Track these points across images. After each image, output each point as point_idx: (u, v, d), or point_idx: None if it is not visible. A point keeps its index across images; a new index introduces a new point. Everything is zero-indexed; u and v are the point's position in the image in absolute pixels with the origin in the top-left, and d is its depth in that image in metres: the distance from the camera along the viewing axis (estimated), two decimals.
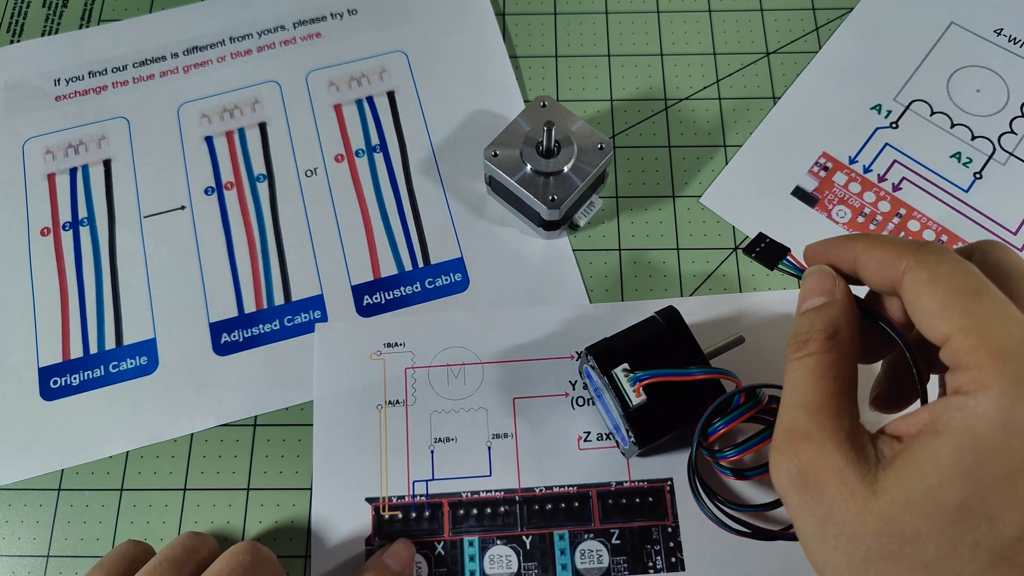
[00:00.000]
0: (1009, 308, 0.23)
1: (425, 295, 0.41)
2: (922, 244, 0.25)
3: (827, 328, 0.27)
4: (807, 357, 0.26)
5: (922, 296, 0.24)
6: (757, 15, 0.48)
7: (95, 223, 0.43)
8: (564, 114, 0.41)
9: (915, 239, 0.27)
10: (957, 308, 0.23)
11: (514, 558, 0.36)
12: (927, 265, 0.24)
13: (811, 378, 0.26)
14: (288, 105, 0.46)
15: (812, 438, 0.25)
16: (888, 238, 0.27)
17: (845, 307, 0.27)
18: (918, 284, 0.24)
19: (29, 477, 0.38)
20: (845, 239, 0.28)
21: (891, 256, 0.26)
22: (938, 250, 0.25)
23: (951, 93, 0.45)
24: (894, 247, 0.26)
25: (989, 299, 0.23)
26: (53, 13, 0.49)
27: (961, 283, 0.23)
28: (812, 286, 0.28)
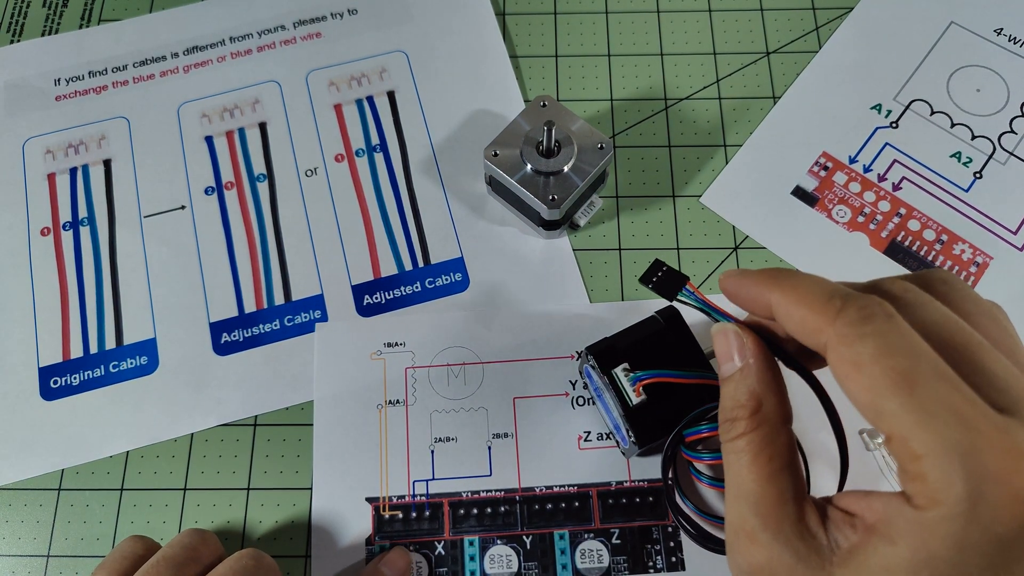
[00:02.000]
0: (950, 396, 0.21)
1: (425, 295, 0.41)
2: (843, 305, 0.22)
3: (749, 402, 0.25)
4: (737, 440, 0.25)
5: (848, 382, 0.22)
6: (757, 15, 0.48)
7: (95, 223, 0.43)
8: (564, 114, 0.41)
9: (839, 287, 0.23)
10: (890, 404, 0.21)
11: (514, 558, 0.36)
12: (848, 342, 0.22)
13: (745, 465, 0.24)
14: (288, 105, 0.46)
15: (758, 539, 0.23)
16: (807, 287, 0.24)
17: (762, 373, 0.25)
18: (843, 366, 0.22)
19: (29, 477, 0.38)
20: (760, 280, 0.25)
21: (810, 322, 0.23)
22: (861, 316, 0.22)
23: (951, 93, 0.45)
24: (812, 310, 0.23)
25: (924, 388, 0.21)
26: (53, 13, 0.49)
27: (889, 368, 0.21)
28: (722, 350, 0.26)
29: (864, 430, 0.37)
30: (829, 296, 0.23)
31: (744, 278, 0.26)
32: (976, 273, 0.41)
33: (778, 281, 0.25)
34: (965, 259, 0.41)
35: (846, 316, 0.22)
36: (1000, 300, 0.41)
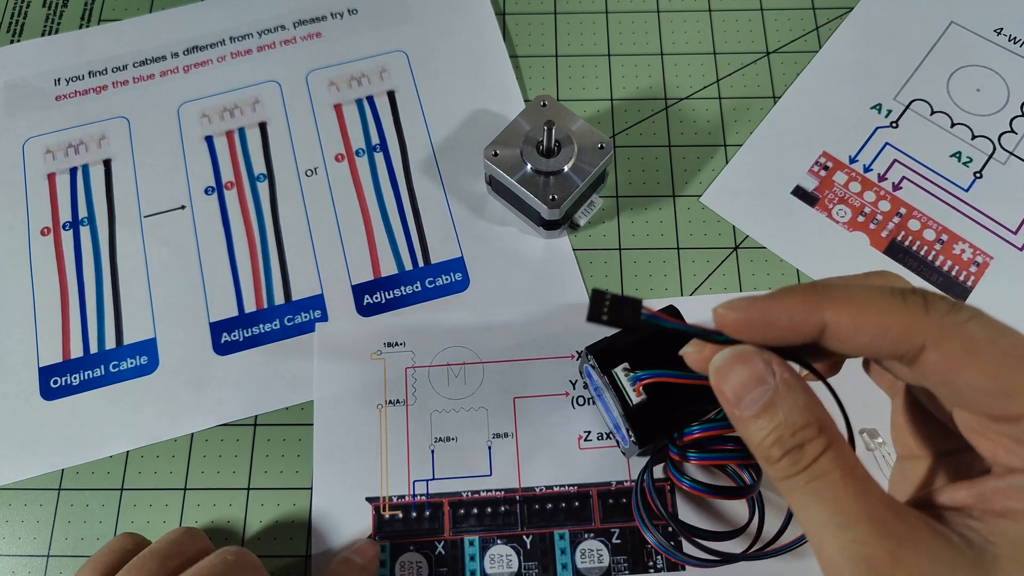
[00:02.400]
0: None
1: (425, 295, 0.41)
2: (925, 300, 0.21)
3: (813, 420, 0.22)
4: (819, 463, 0.21)
5: (965, 372, 0.20)
6: (757, 15, 0.48)
7: (95, 223, 0.43)
8: (564, 114, 0.41)
9: (896, 287, 0.22)
10: (1018, 383, 0.20)
11: (514, 558, 0.36)
12: (954, 332, 0.20)
13: (844, 486, 0.21)
14: (288, 105, 0.46)
15: (901, 560, 0.20)
16: (869, 295, 0.21)
17: (799, 385, 0.22)
18: (955, 358, 0.20)
19: (29, 477, 0.38)
20: (803, 300, 0.22)
21: (896, 328, 0.21)
22: (952, 306, 0.21)
23: (951, 92, 0.45)
24: (894, 314, 0.21)
25: None
26: (53, 13, 0.49)
27: (1008, 347, 0.20)
28: (739, 380, 0.22)
29: (864, 430, 0.37)
30: (903, 296, 0.21)
31: (771, 305, 0.22)
32: (976, 273, 0.41)
33: (828, 296, 0.22)
34: (965, 259, 0.41)
35: (937, 309, 0.21)
36: (1000, 300, 0.41)
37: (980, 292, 0.40)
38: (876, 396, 0.39)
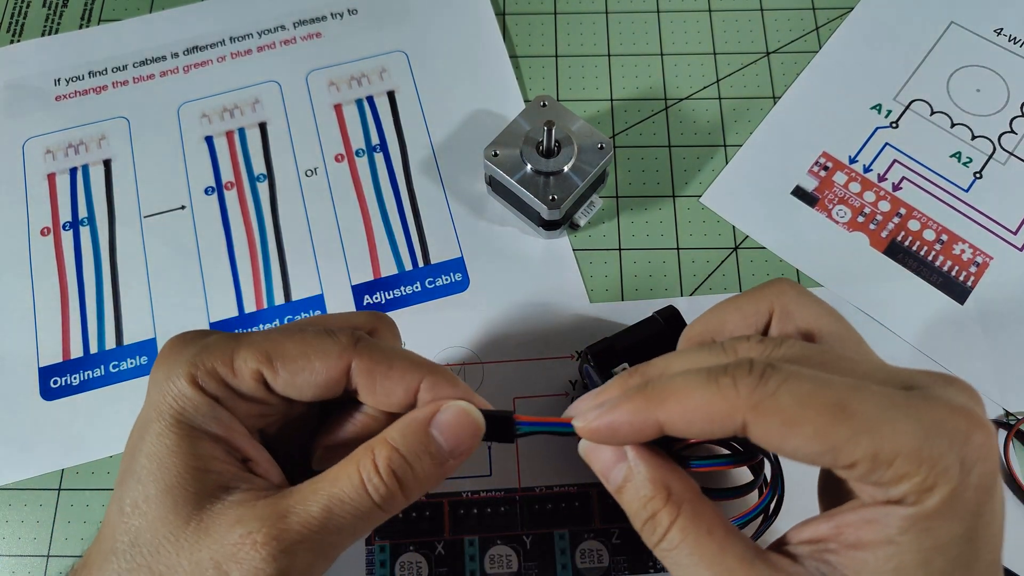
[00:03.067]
0: (875, 396, 0.21)
1: (425, 295, 0.41)
2: (733, 379, 0.22)
3: (658, 491, 0.24)
4: (669, 535, 0.23)
5: (789, 441, 0.21)
6: (757, 15, 0.48)
7: (95, 223, 0.43)
8: (564, 114, 0.41)
9: (711, 368, 0.23)
10: (840, 438, 0.21)
11: (514, 558, 0.36)
12: (768, 408, 0.21)
13: (692, 552, 0.23)
14: (288, 105, 0.46)
15: None
16: (685, 388, 0.23)
17: (651, 458, 0.24)
18: (775, 432, 0.21)
19: (29, 477, 0.38)
20: (634, 409, 0.23)
21: (716, 416, 0.22)
22: (757, 379, 0.22)
23: (951, 93, 0.45)
24: (710, 402, 0.22)
25: (857, 404, 0.21)
26: (53, 13, 0.49)
27: (820, 407, 0.21)
28: (601, 463, 0.25)
29: None
30: (715, 380, 0.22)
31: (613, 415, 0.24)
32: (976, 273, 0.41)
33: (655, 400, 0.23)
34: (965, 259, 0.41)
35: (745, 386, 0.22)
36: (1000, 300, 0.41)
37: (980, 292, 0.40)
38: None
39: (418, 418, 0.26)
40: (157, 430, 0.25)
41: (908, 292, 0.41)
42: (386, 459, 0.25)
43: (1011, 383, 0.39)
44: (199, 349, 0.26)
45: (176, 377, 0.25)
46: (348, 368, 0.26)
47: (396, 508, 0.26)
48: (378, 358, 0.26)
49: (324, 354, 0.26)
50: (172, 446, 0.25)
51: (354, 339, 0.26)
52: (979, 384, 0.38)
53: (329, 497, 0.24)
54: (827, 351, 0.24)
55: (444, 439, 0.26)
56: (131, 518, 0.24)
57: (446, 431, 0.26)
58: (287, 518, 0.24)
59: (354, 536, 0.25)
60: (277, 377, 0.26)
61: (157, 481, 0.24)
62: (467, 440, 0.26)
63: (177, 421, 0.25)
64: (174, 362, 0.26)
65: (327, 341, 0.26)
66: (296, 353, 0.26)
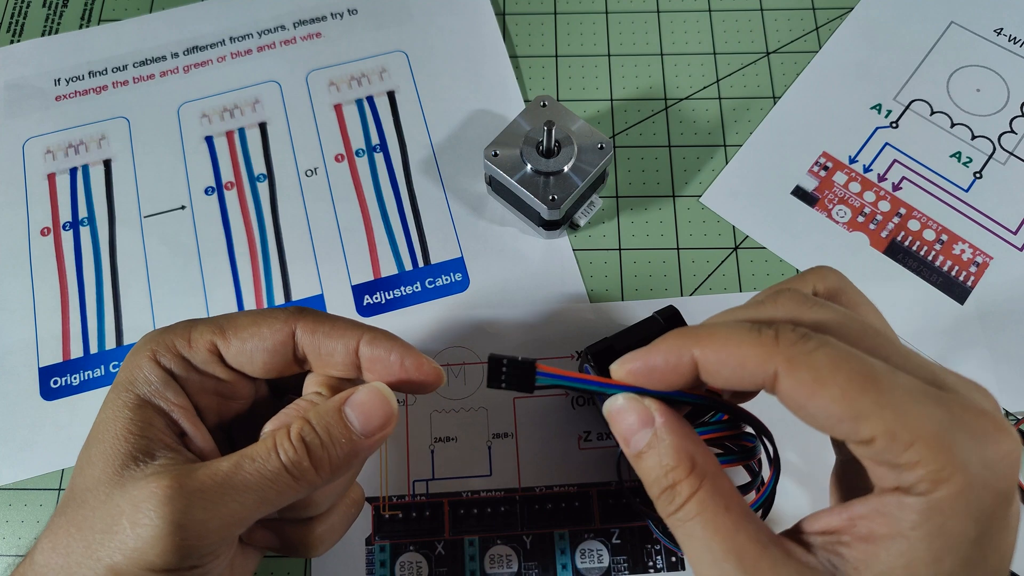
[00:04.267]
0: (906, 380, 0.21)
1: (425, 295, 0.41)
2: (775, 333, 0.22)
3: (681, 461, 0.24)
4: (687, 506, 0.23)
5: (814, 400, 0.21)
6: (757, 15, 0.48)
7: (95, 223, 0.43)
8: (564, 114, 0.41)
9: (755, 321, 0.23)
10: (865, 406, 0.21)
11: (514, 558, 0.36)
12: (802, 363, 0.22)
13: (708, 526, 0.23)
14: (288, 105, 0.46)
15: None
16: (728, 330, 0.23)
17: (680, 428, 0.24)
18: (804, 387, 0.22)
19: (29, 477, 0.38)
20: (672, 344, 0.24)
21: (751, 361, 0.22)
22: (799, 336, 0.22)
23: (951, 93, 0.45)
24: (748, 347, 0.22)
25: (888, 381, 0.21)
26: (53, 13, 0.49)
27: (852, 372, 0.21)
28: (624, 425, 0.25)
29: None
30: (756, 329, 0.23)
31: (650, 353, 0.24)
32: (976, 273, 0.41)
33: (695, 336, 0.23)
34: (965, 259, 0.41)
35: (786, 340, 0.22)
36: (1000, 300, 0.41)
37: (980, 292, 0.40)
38: None
39: (335, 399, 0.28)
40: (110, 398, 0.28)
41: (908, 292, 0.41)
42: (298, 429, 0.27)
43: (1011, 383, 0.39)
44: (164, 329, 0.29)
45: (138, 353, 0.28)
46: (293, 333, 0.29)
47: (307, 480, 0.26)
48: (320, 319, 0.29)
49: (271, 319, 0.29)
50: (116, 411, 0.27)
51: (296, 310, 0.29)
52: None
53: (240, 455, 0.26)
54: (869, 326, 0.24)
55: (356, 416, 0.27)
56: (75, 477, 0.27)
57: (357, 409, 0.27)
58: (194, 472, 0.25)
59: (263, 501, 0.26)
60: (229, 345, 0.28)
61: (99, 443, 0.27)
62: (378, 419, 0.27)
63: (126, 390, 0.28)
64: (142, 343, 0.29)
65: (275, 311, 0.29)
66: (246, 322, 0.29)
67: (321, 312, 0.30)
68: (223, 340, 0.28)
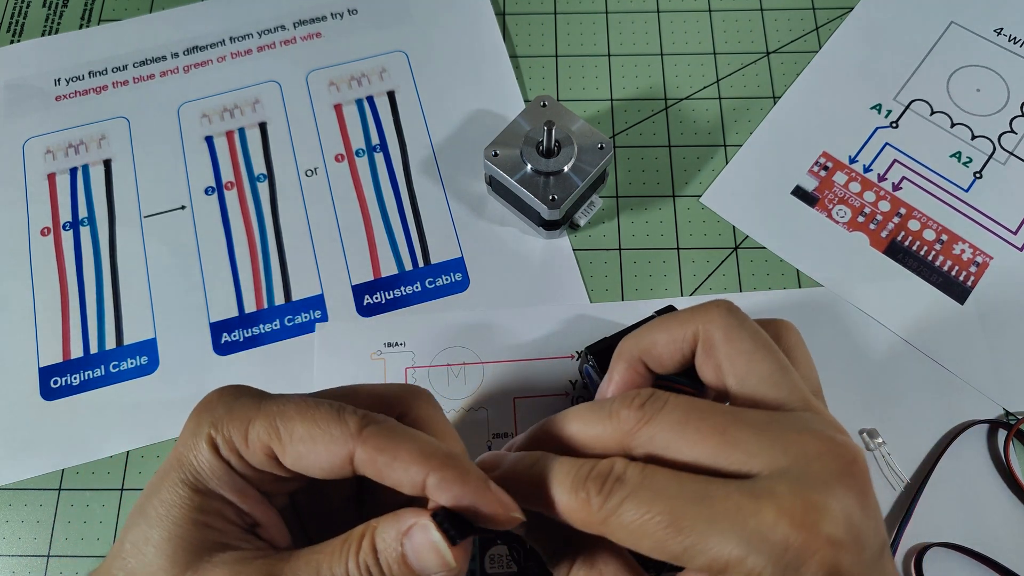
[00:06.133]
0: (710, 507, 0.23)
1: (425, 295, 0.41)
2: (587, 493, 0.24)
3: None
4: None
5: (640, 548, 0.23)
6: (757, 15, 0.48)
7: (95, 223, 0.43)
8: (564, 114, 0.41)
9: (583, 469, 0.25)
10: (676, 547, 0.23)
11: (514, 558, 0.36)
12: (614, 523, 0.23)
13: None
14: (288, 105, 0.46)
15: None
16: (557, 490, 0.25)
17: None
18: (626, 541, 0.24)
19: (29, 477, 0.38)
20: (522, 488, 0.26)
21: (578, 516, 0.25)
22: (606, 493, 0.24)
23: (951, 93, 0.45)
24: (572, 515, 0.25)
25: (691, 519, 0.23)
26: (53, 13, 0.49)
27: (655, 525, 0.23)
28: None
29: (864, 430, 0.37)
30: (575, 490, 0.24)
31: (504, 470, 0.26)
32: (976, 273, 0.41)
33: (540, 491, 0.25)
34: (965, 259, 0.41)
35: (594, 502, 0.24)
36: (1000, 300, 0.41)
37: (980, 292, 0.40)
38: (876, 396, 0.39)
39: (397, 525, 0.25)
40: (173, 480, 0.26)
41: (908, 292, 0.41)
42: (364, 556, 0.25)
43: (1011, 383, 0.39)
44: (225, 412, 0.26)
45: (199, 436, 0.26)
46: (352, 455, 0.26)
47: None
48: (383, 447, 0.25)
49: (328, 439, 0.25)
50: (183, 497, 0.25)
51: (361, 425, 0.26)
52: (979, 384, 0.38)
53: (319, 568, 0.25)
54: (707, 421, 0.24)
55: (413, 557, 0.25)
56: (130, 556, 0.25)
57: (414, 553, 0.25)
58: (280, 564, 0.24)
59: None
60: (285, 455, 0.26)
61: (161, 527, 0.25)
62: (431, 565, 0.25)
63: (193, 477, 0.26)
64: (203, 419, 0.26)
65: (334, 425, 0.25)
66: (303, 433, 0.26)
67: (385, 432, 0.26)
68: (280, 448, 0.26)
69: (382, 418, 0.26)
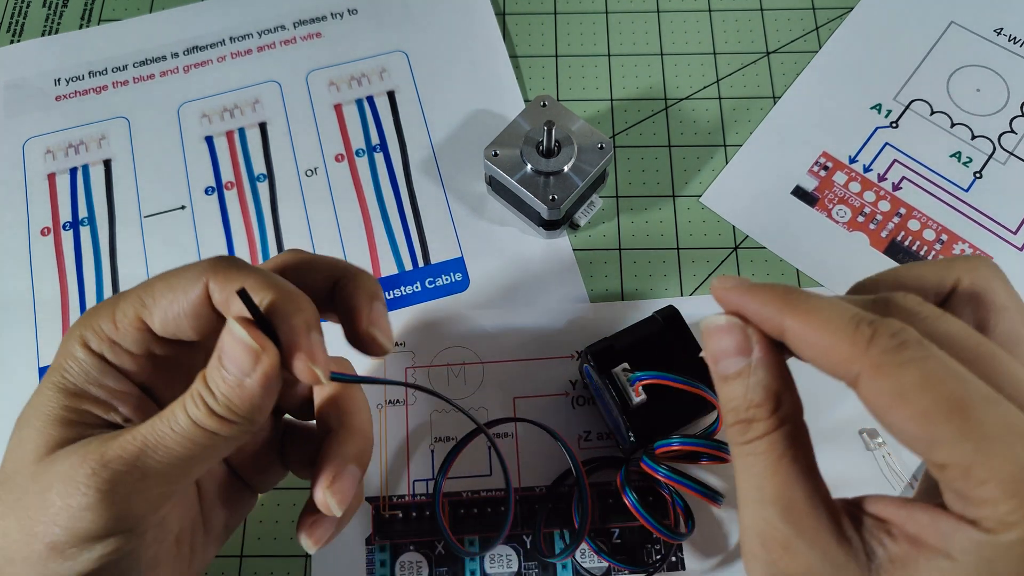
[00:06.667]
0: (1007, 415, 0.20)
1: (425, 295, 0.41)
2: (872, 332, 0.21)
3: (767, 401, 0.23)
4: (758, 442, 0.23)
5: (892, 414, 0.20)
6: (757, 15, 0.48)
7: (95, 223, 0.43)
8: (564, 114, 0.41)
9: (861, 312, 0.22)
10: (945, 433, 0.20)
11: (514, 558, 0.36)
12: (887, 372, 0.20)
13: (770, 468, 0.22)
14: (288, 105, 0.46)
15: (793, 547, 0.22)
16: (828, 313, 0.22)
17: (774, 367, 0.23)
18: (884, 398, 0.20)
19: None
20: (770, 300, 0.23)
21: (836, 353, 0.21)
22: (896, 344, 0.21)
23: (951, 93, 0.45)
24: (839, 338, 0.21)
25: (980, 411, 0.20)
26: (53, 13, 0.49)
27: (939, 396, 0.20)
28: (721, 346, 0.24)
29: (864, 430, 0.37)
30: (856, 323, 0.21)
31: (750, 295, 0.23)
32: None
33: (794, 305, 0.22)
34: None
35: (879, 344, 0.21)
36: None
37: None
38: None
39: (216, 351, 0.26)
40: (44, 385, 0.27)
41: None
42: (196, 387, 0.25)
43: None
44: (92, 311, 0.27)
45: (72, 339, 0.27)
46: (207, 292, 0.27)
47: (220, 431, 0.25)
48: (232, 271, 0.26)
49: (185, 283, 0.27)
50: (50, 398, 0.26)
51: (213, 260, 0.27)
52: None
53: (155, 418, 0.25)
54: (992, 348, 0.22)
55: (228, 361, 0.25)
56: (6, 461, 0.27)
57: (226, 354, 0.25)
58: (113, 439, 0.25)
59: (185, 459, 0.25)
60: (153, 318, 0.27)
61: (28, 426, 0.26)
62: (246, 361, 0.25)
63: (60, 377, 0.27)
64: (75, 326, 0.27)
65: (189, 269, 0.27)
66: (163, 288, 0.27)
67: (234, 260, 0.27)
68: (146, 312, 0.27)
69: (233, 256, 0.28)
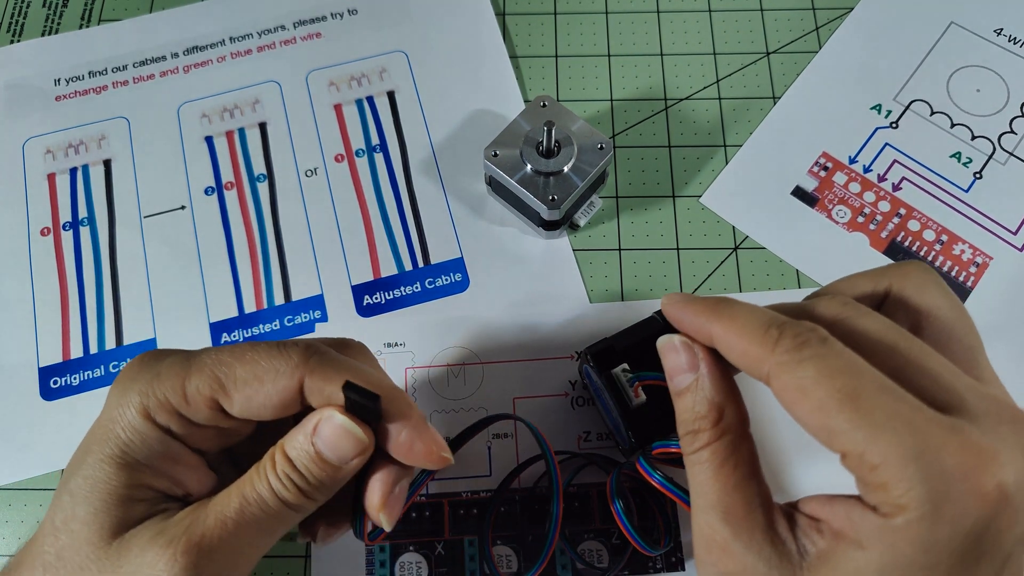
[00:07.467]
0: (896, 405, 0.21)
1: (425, 295, 0.41)
2: (779, 334, 0.23)
3: (710, 413, 0.25)
4: (701, 451, 0.25)
5: (796, 407, 0.22)
6: (757, 15, 0.48)
7: (95, 223, 0.43)
8: (564, 114, 0.41)
9: (775, 316, 0.24)
10: (839, 422, 0.21)
11: (514, 558, 0.36)
12: (789, 369, 0.22)
13: (711, 475, 0.24)
14: (288, 105, 0.46)
15: (730, 549, 0.23)
16: (745, 318, 0.24)
17: (719, 382, 0.25)
18: (788, 393, 0.23)
19: (29, 477, 0.38)
20: (701, 311, 0.26)
21: (751, 354, 0.24)
22: (797, 343, 0.23)
23: (951, 93, 0.45)
24: (751, 341, 0.23)
25: (869, 401, 0.21)
26: (53, 13, 0.49)
27: (833, 389, 0.22)
28: (673, 363, 0.26)
29: None
30: (766, 326, 0.23)
31: (686, 307, 0.26)
32: (976, 273, 0.41)
33: (718, 313, 0.25)
34: (965, 259, 0.41)
35: (784, 344, 0.23)
36: (1000, 300, 0.41)
37: (980, 292, 0.40)
38: None
39: (304, 429, 0.26)
40: (97, 457, 0.25)
41: None
42: (281, 468, 0.25)
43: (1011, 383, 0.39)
44: (152, 376, 0.26)
45: (128, 406, 0.25)
46: (301, 386, 0.26)
47: (305, 507, 0.26)
48: (330, 375, 0.25)
49: (274, 374, 0.25)
50: (109, 474, 0.25)
51: (306, 354, 0.26)
52: None
53: (241, 499, 0.25)
54: (909, 343, 0.24)
55: (326, 450, 0.25)
56: (60, 533, 0.25)
57: (326, 444, 0.25)
58: (204, 521, 0.24)
59: (270, 533, 0.26)
60: (231, 402, 0.26)
61: (88, 503, 0.25)
62: (350, 450, 0.25)
63: (121, 451, 0.25)
64: (129, 388, 0.26)
65: (277, 359, 0.25)
66: (247, 376, 0.25)
67: (329, 359, 0.26)
68: (224, 397, 0.25)
69: (323, 348, 0.26)
